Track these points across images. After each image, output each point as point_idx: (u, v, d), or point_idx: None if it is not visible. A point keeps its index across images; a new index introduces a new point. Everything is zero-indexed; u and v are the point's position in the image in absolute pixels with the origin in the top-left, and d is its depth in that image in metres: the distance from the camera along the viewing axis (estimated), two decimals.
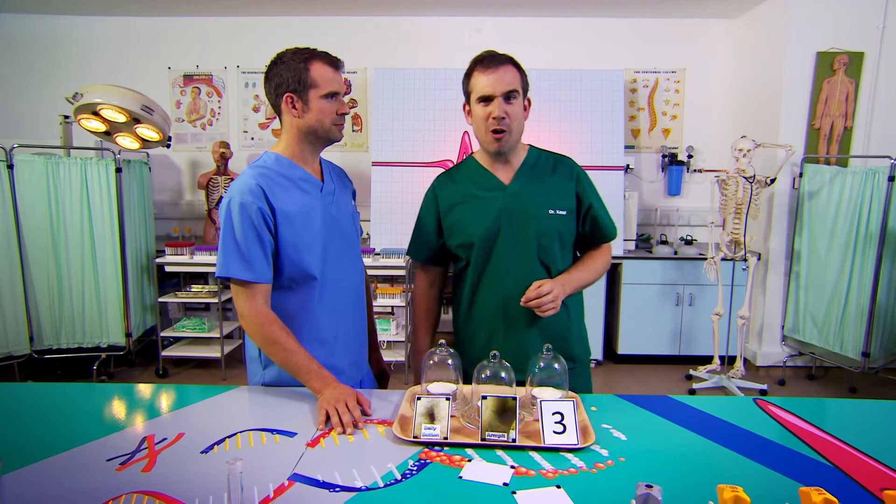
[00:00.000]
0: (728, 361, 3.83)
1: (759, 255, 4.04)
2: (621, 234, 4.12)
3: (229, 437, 1.16)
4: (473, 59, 1.49)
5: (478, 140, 1.54)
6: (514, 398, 1.16)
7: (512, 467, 1.05)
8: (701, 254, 4.00)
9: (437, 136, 4.17)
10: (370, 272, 4.00)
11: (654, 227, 4.57)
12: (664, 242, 4.29)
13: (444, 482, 1.00)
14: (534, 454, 1.10)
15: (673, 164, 4.51)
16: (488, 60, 1.44)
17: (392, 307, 4.08)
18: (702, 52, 4.48)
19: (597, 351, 4.13)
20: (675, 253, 4.10)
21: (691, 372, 3.85)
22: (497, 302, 1.53)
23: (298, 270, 1.39)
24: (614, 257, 4.08)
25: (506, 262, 1.52)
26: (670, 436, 1.19)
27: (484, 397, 1.16)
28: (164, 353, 3.90)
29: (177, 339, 4.07)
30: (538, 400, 1.19)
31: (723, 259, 3.63)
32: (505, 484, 0.99)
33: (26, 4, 4.25)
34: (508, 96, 1.43)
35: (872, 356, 3.50)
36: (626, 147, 4.55)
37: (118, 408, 1.35)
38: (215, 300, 3.86)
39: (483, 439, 1.13)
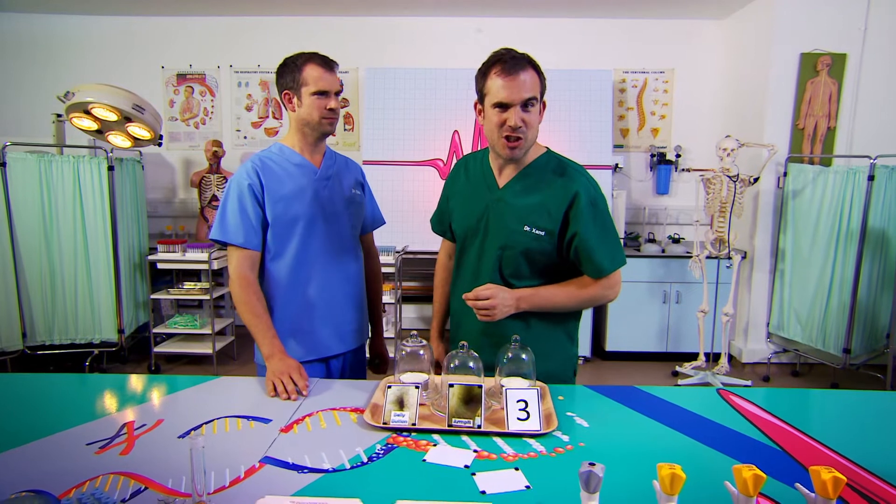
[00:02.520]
0: (713, 358, 3.88)
1: (745, 253, 4.09)
2: None
3: (206, 423, 1.20)
4: (491, 58, 1.37)
5: (489, 143, 1.45)
6: (480, 386, 1.21)
7: (475, 451, 1.10)
8: (688, 252, 4.05)
9: (427, 136, 4.22)
10: None
11: (643, 225, 4.62)
12: (652, 241, 4.34)
13: (408, 464, 1.05)
14: (497, 439, 1.15)
15: (661, 163, 4.57)
16: (509, 64, 1.33)
17: (384, 304, 4.12)
18: (690, 53, 4.53)
19: (585, 348, 4.18)
20: (663, 251, 4.15)
21: (677, 368, 3.90)
22: (461, 294, 1.56)
23: (280, 241, 1.59)
24: None
25: (474, 261, 1.54)
26: (631, 423, 1.24)
27: (451, 385, 1.21)
28: (157, 349, 3.93)
29: (169, 336, 4.11)
30: (504, 388, 1.24)
31: (708, 257, 3.68)
32: (466, 466, 1.04)
33: (21, 3, 4.29)
34: (526, 104, 1.34)
35: (854, 352, 3.55)
36: (616, 146, 4.61)
37: (101, 396, 1.39)
38: (207, 297, 3.90)
39: (450, 425, 1.18)
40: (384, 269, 3.99)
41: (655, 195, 4.67)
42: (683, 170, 4.58)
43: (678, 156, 4.58)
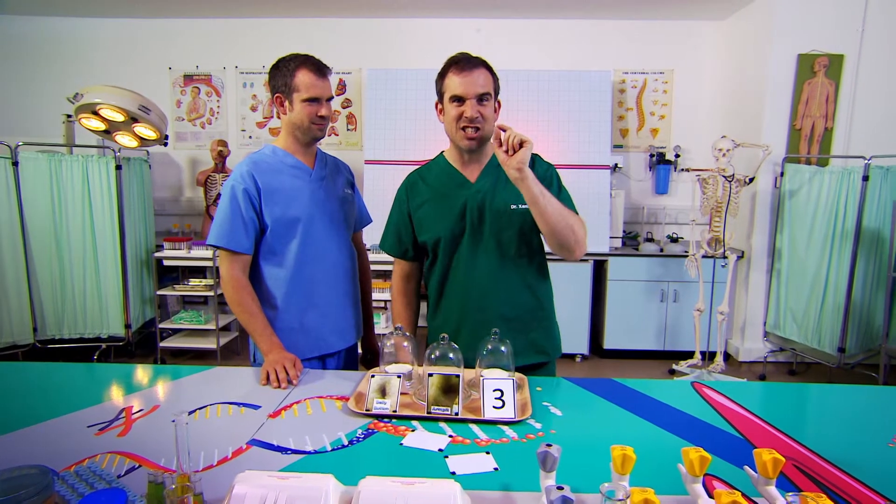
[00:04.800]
0: (710, 356, 3.92)
1: (743, 252, 4.13)
2: (607, 231, 4.21)
3: (200, 408, 1.28)
4: (448, 60, 1.53)
5: (450, 138, 1.58)
6: (458, 376, 1.27)
7: (450, 436, 1.16)
8: (686, 251, 4.09)
9: (427, 135, 4.28)
10: None
11: (642, 224, 4.67)
12: (650, 240, 4.38)
13: (386, 447, 1.11)
14: (474, 426, 1.21)
15: (661, 163, 4.60)
16: (463, 63, 1.49)
17: (385, 301, 4.20)
18: (689, 54, 4.56)
19: (583, 345, 4.23)
20: (661, 250, 4.19)
21: (674, 366, 3.95)
22: (462, 297, 1.61)
23: (281, 242, 1.62)
24: (600, 254, 4.20)
25: (469, 258, 1.59)
26: (603, 412, 1.30)
27: (430, 375, 1.28)
28: (163, 343, 4.04)
29: (175, 331, 4.21)
30: (482, 378, 1.30)
31: (704, 256, 3.72)
32: (440, 450, 1.10)
33: (32, 7, 4.40)
34: (481, 98, 1.48)
35: (848, 351, 3.58)
36: (615, 146, 4.65)
37: (104, 384, 1.47)
38: (212, 293, 3.99)
39: (428, 412, 1.24)
40: (384, 267, 4.06)
41: (654, 195, 4.70)
42: (682, 170, 4.61)
43: (677, 156, 4.61)
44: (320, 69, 1.58)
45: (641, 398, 1.38)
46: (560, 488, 0.77)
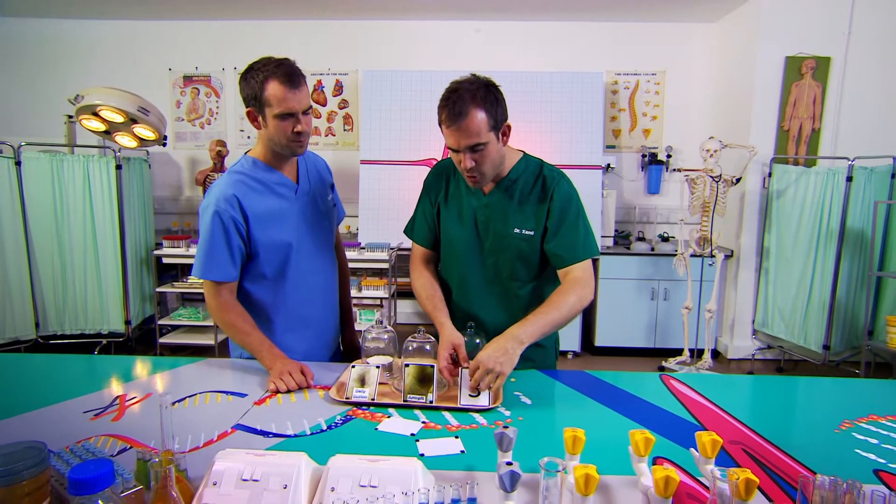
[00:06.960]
0: (699, 354, 3.99)
1: (732, 251, 4.19)
2: (599, 231, 4.28)
3: (190, 396, 1.36)
4: (441, 100, 1.38)
5: None
6: (432, 366, 1.35)
7: (423, 422, 1.23)
8: (676, 250, 4.15)
9: (422, 136, 4.35)
10: (356, 265, 4.22)
11: (634, 224, 4.73)
12: (642, 239, 4.45)
13: (362, 432, 1.19)
14: (446, 414, 1.29)
15: (652, 163, 4.67)
16: (451, 113, 1.34)
17: (380, 299, 4.28)
18: (681, 56, 4.63)
19: (574, 343, 4.30)
20: (652, 249, 4.26)
21: (663, 363, 4.02)
22: (456, 302, 1.62)
23: (272, 266, 1.56)
24: None
25: (461, 268, 1.61)
26: (569, 401, 1.38)
27: (406, 365, 1.35)
28: (162, 340, 4.12)
29: (174, 328, 4.30)
30: (460, 369, 1.38)
31: (692, 255, 3.79)
32: (412, 434, 1.18)
33: (34, 9, 4.48)
34: (474, 148, 1.38)
35: (833, 349, 3.65)
36: (608, 147, 4.72)
37: (101, 374, 1.55)
38: None
39: (405, 400, 1.32)
40: (379, 266, 4.14)
41: (646, 195, 4.77)
42: (674, 170, 4.68)
43: (669, 156, 4.68)
44: (292, 79, 1.40)
45: (609, 388, 1.46)
46: (510, 464, 0.84)
